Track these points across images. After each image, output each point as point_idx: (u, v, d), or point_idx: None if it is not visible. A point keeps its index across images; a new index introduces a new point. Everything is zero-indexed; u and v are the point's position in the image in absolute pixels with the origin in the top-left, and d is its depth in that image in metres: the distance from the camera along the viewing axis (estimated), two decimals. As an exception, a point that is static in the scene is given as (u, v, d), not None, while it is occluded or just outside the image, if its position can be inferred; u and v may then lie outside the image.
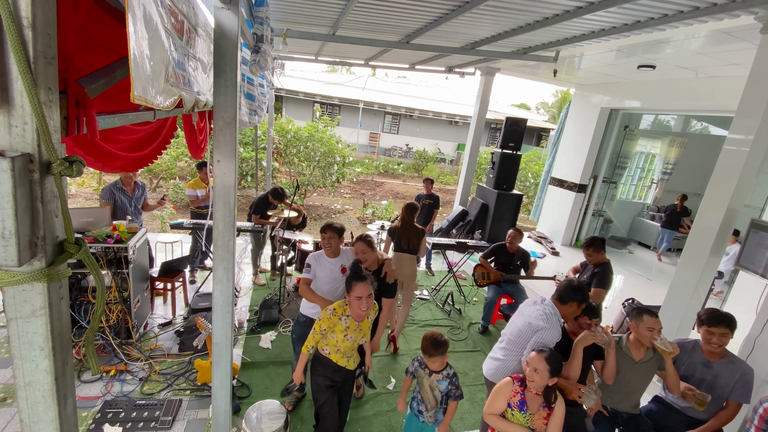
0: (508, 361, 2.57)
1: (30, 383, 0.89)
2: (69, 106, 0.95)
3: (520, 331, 2.53)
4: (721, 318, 2.51)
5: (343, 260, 3.03)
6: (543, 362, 2.09)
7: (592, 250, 3.64)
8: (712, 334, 2.51)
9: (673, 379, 2.52)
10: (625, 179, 8.94)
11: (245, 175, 9.98)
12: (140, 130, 2.31)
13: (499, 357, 2.63)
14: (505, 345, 2.63)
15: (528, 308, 2.59)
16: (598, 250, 3.64)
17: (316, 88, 20.43)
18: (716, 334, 2.49)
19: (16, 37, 0.72)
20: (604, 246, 3.67)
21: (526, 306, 2.63)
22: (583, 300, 2.51)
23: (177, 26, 1.41)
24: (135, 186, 4.36)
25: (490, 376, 2.65)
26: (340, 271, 2.98)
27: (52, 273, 0.85)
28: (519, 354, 2.53)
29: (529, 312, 2.54)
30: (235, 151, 1.86)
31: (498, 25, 4.10)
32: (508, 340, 2.62)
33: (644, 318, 2.51)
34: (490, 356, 2.75)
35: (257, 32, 2.93)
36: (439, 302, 5.46)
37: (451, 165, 21.90)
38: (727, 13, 3.02)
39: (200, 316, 3.34)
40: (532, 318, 2.47)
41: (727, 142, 3.35)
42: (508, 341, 2.61)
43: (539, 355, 2.13)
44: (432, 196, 6.45)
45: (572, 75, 7.23)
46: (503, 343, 2.67)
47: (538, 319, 2.43)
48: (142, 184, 4.48)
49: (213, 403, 2.18)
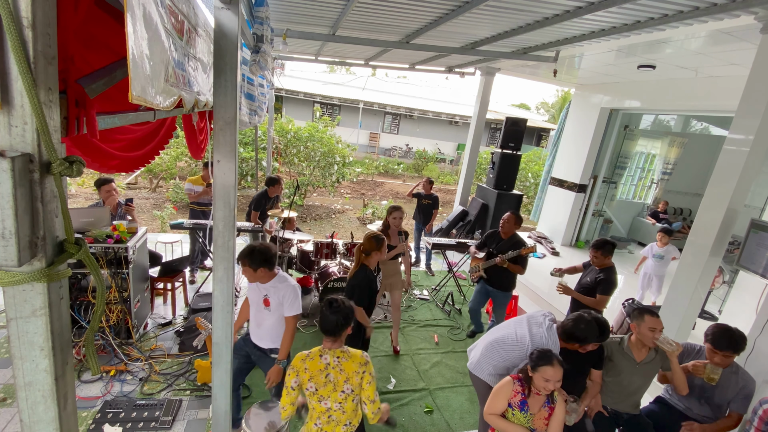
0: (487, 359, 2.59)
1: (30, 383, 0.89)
2: (69, 106, 0.95)
3: (514, 342, 2.51)
4: (730, 343, 2.43)
5: (269, 291, 2.59)
6: (561, 373, 2.07)
7: (600, 253, 3.50)
8: (715, 353, 2.46)
9: (679, 378, 2.49)
10: (625, 179, 8.93)
11: (245, 175, 9.98)
12: (138, 130, 2.31)
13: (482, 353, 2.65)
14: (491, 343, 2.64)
15: (535, 327, 2.50)
16: (606, 254, 3.50)
17: (316, 88, 20.42)
18: (719, 355, 2.45)
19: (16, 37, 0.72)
20: (612, 251, 3.54)
21: (535, 322, 2.55)
22: (584, 343, 2.37)
23: (177, 26, 1.41)
24: (117, 206, 4.20)
25: (471, 368, 2.70)
26: (263, 301, 2.62)
27: (52, 273, 0.85)
28: (497, 358, 2.54)
29: (534, 333, 2.47)
30: (235, 151, 1.86)
31: (498, 25, 4.10)
32: (497, 340, 2.61)
33: (646, 318, 2.50)
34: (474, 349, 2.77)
35: (257, 32, 2.93)
36: (439, 302, 5.46)
37: (451, 165, 21.90)
38: (727, 13, 3.02)
39: (200, 316, 3.33)
40: (535, 343, 2.42)
41: (727, 142, 3.35)
42: (496, 342, 2.61)
43: (556, 367, 2.07)
44: (431, 197, 6.43)
45: (572, 75, 7.23)
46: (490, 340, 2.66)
47: (538, 346, 2.37)
48: (120, 203, 4.28)
49: (213, 403, 2.18)
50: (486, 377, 2.58)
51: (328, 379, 1.93)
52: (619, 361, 2.61)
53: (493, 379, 2.53)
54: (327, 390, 1.93)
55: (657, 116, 9.00)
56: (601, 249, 3.52)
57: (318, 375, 1.94)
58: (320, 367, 1.94)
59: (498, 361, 2.54)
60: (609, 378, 2.67)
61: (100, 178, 4.26)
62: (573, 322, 2.37)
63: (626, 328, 4.37)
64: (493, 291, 4.12)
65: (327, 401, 1.95)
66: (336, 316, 1.95)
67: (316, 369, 1.95)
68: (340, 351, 1.97)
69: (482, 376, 2.60)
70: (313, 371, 1.95)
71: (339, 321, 1.95)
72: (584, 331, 2.32)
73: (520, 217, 3.99)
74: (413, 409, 3.43)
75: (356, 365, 1.95)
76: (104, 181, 4.20)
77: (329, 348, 1.97)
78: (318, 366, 1.95)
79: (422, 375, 3.89)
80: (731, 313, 4.78)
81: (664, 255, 5.27)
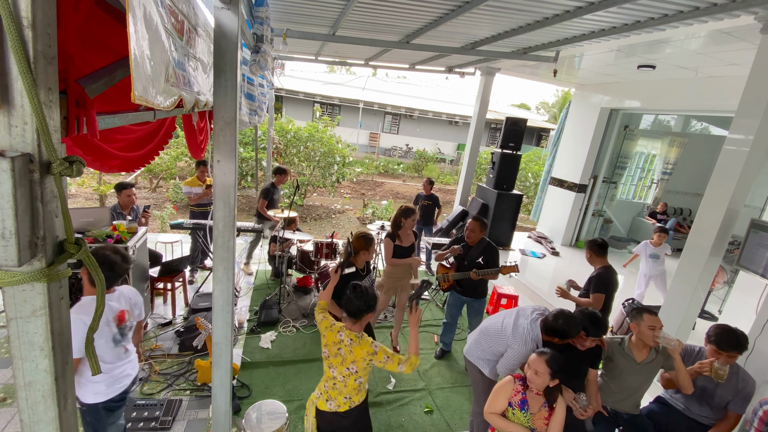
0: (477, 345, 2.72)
1: (30, 383, 0.88)
2: (69, 106, 0.95)
3: (498, 331, 2.59)
4: (734, 343, 2.42)
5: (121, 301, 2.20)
6: (544, 365, 2.09)
7: (590, 252, 3.57)
8: (719, 354, 2.45)
9: (684, 376, 2.48)
10: (625, 179, 8.94)
11: (245, 175, 9.98)
12: (138, 130, 2.31)
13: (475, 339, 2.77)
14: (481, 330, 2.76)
15: (521, 319, 2.54)
16: (597, 253, 3.52)
17: (316, 88, 20.43)
18: (724, 356, 2.44)
19: (16, 37, 0.72)
20: (600, 250, 3.53)
21: (523, 314, 2.59)
22: (564, 337, 2.37)
23: (177, 26, 1.41)
24: (130, 211, 4.31)
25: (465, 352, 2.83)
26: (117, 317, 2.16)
27: (52, 273, 0.85)
28: (484, 344, 2.66)
29: (519, 324, 2.52)
30: (235, 151, 1.86)
31: (498, 25, 4.10)
32: (486, 327, 2.73)
33: (644, 317, 2.50)
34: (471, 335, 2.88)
35: (257, 32, 2.93)
36: (439, 302, 5.46)
37: (451, 165, 21.90)
38: (727, 13, 3.02)
39: (200, 316, 3.33)
40: (516, 333, 2.48)
41: (727, 142, 3.35)
42: (485, 329, 2.72)
43: (540, 357, 2.12)
44: (431, 197, 6.42)
45: (572, 75, 7.23)
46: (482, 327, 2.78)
47: (517, 337, 2.46)
48: (136, 209, 4.41)
49: (213, 403, 2.18)
50: (475, 360, 2.72)
51: (339, 353, 2.13)
52: (619, 362, 2.61)
53: (481, 363, 2.67)
54: (336, 361, 2.14)
55: (657, 116, 9.01)
56: (591, 248, 3.56)
57: (332, 346, 2.15)
58: (335, 341, 2.15)
59: (485, 347, 2.66)
60: (609, 378, 2.67)
61: (121, 183, 4.36)
62: (553, 316, 2.41)
63: (626, 328, 4.37)
64: (468, 300, 3.92)
65: (334, 370, 2.16)
66: (359, 302, 2.12)
67: (331, 340, 2.16)
68: (355, 335, 2.13)
69: (473, 359, 2.73)
70: (329, 341, 2.17)
71: (361, 306, 2.12)
72: (563, 325, 2.33)
73: (485, 222, 3.78)
74: (413, 409, 3.43)
75: (364, 353, 2.11)
76: (124, 186, 4.28)
77: (348, 328, 2.16)
78: (334, 339, 2.15)
79: (422, 375, 3.89)
80: (731, 313, 4.78)
81: (659, 254, 5.27)
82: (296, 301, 4.99)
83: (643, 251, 5.34)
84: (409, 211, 3.83)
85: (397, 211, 3.88)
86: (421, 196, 6.45)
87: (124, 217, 4.23)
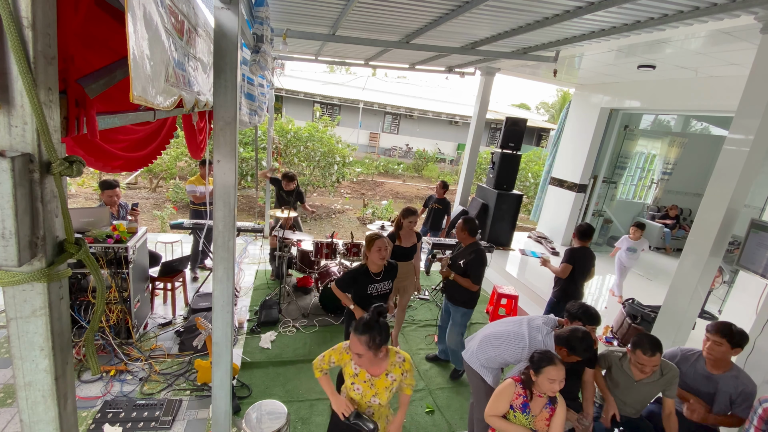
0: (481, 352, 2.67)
1: (30, 383, 0.89)
2: (69, 106, 0.95)
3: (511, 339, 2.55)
4: (719, 327, 2.56)
5: None
6: (562, 373, 2.08)
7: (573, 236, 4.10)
8: (708, 339, 2.58)
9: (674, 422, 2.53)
10: (625, 179, 8.93)
11: (245, 175, 9.98)
12: (140, 130, 2.31)
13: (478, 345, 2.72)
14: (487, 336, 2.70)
15: (534, 331, 2.52)
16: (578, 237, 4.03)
17: (316, 88, 20.42)
18: (711, 341, 2.55)
19: (16, 37, 0.72)
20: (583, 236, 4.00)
21: (534, 325, 2.56)
22: (572, 352, 2.35)
23: (177, 26, 1.41)
24: (119, 209, 4.27)
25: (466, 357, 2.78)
26: None
27: (52, 273, 0.85)
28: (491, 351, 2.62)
29: (532, 336, 2.50)
30: (235, 151, 1.86)
31: (498, 25, 4.10)
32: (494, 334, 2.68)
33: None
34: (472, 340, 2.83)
35: (257, 32, 2.93)
36: (439, 302, 5.45)
37: (451, 165, 21.90)
38: (727, 13, 3.02)
39: (200, 316, 3.33)
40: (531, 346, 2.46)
41: (727, 142, 3.35)
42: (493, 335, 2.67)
43: (558, 367, 2.07)
44: (443, 201, 6.20)
45: (572, 75, 7.23)
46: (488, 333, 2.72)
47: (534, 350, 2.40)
48: (124, 205, 4.36)
49: (213, 403, 2.18)
50: (478, 368, 2.68)
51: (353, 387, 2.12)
52: (617, 376, 2.63)
53: (484, 371, 2.64)
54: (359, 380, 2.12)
55: (657, 116, 9.01)
56: (574, 232, 4.13)
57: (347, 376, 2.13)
58: (350, 373, 2.10)
59: (491, 355, 2.62)
60: (612, 386, 2.67)
61: (105, 181, 4.28)
62: (570, 331, 2.42)
63: (626, 328, 4.37)
64: (450, 305, 3.75)
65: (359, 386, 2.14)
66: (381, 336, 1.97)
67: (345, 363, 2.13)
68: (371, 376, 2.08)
69: (475, 367, 2.70)
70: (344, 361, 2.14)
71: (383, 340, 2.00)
72: (577, 342, 2.34)
73: (473, 227, 3.57)
74: (414, 409, 3.43)
75: (383, 388, 2.08)
76: (108, 186, 4.22)
77: (358, 365, 2.08)
78: (349, 372, 2.11)
79: (422, 375, 3.89)
80: (731, 313, 4.78)
81: (636, 248, 5.52)
82: (296, 301, 4.99)
83: (623, 244, 5.62)
84: (409, 211, 3.88)
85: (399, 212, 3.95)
86: (432, 198, 6.28)
87: (111, 215, 4.22)
